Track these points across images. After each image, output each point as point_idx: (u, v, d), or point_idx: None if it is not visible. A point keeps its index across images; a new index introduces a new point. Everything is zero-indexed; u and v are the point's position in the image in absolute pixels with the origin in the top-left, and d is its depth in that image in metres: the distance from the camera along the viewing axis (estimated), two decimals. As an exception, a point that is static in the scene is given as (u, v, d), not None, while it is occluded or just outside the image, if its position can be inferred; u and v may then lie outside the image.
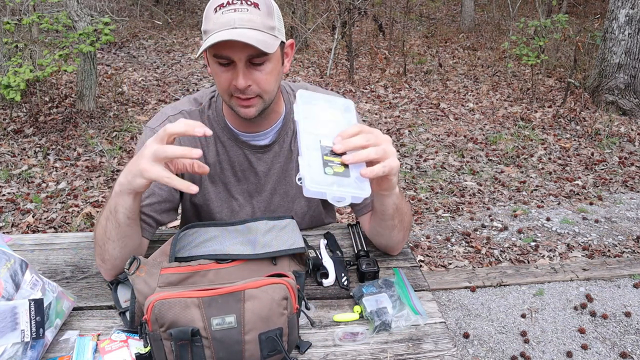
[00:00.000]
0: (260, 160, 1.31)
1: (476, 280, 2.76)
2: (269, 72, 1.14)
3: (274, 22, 1.12)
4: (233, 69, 1.11)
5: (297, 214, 1.38)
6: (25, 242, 1.35)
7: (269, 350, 0.92)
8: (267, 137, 1.30)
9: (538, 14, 6.72)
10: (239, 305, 0.90)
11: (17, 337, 0.91)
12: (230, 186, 1.33)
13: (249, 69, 1.11)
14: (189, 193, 1.09)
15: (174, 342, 0.88)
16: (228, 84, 1.13)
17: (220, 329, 0.89)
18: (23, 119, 4.71)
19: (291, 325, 0.94)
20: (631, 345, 2.35)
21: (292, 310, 0.94)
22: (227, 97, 1.17)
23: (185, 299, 0.89)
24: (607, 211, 3.53)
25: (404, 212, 1.19)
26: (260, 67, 1.12)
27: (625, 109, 5.24)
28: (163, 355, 0.90)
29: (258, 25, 1.09)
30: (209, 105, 1.30)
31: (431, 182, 3.91)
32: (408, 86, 6.14)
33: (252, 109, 1.17)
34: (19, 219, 3.28)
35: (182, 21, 9.22)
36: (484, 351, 2.33)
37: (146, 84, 5.98)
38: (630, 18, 5.12)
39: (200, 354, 0.88)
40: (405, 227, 1.23)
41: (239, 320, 0.90)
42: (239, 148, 1.30)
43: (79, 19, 4.56)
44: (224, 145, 1.29)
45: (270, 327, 0.92)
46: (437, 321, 1.08)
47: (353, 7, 6.40)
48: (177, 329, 0.87)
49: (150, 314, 0.88)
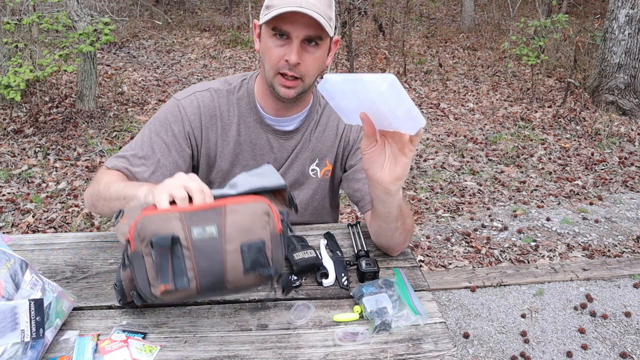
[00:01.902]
0: (282, 147, 1.35)
1: (476, 280, 2.76)
2: (317, 58, 1.20)
3: (332, 14, 1.19)
4: (288, 44, 1.17)
5: (301, 203, 1.40)
6: (25, 242, 1.35)
7: (252, 262, 0.89)
8: (292, 124, 1.34)
9: (538, 14, 6.72)
10: (220, 218, 0.90)
11: (17, 337, 0.91)
12: (248, 169, 1.34)
13: (302, 49, 1.17)
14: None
15: (154, 251, 0.86)
16: (279, 58, 1.18)
17: (201, 238, 0.88)
18: (23, 119, 4.71)
19: (275, 243, 0.92)
20: (631, 345, 2.35)
21: (275, 229, 0.93)
22: (273, 73, 1.21)
23: (167, 214, 0.88)
24: (607, 211, 3.53)
25: (406, 214, 1.20)
26: (312, 50, 1.18)
27: (625, 109, 5.24)
28: (144, 273, 0.88)
29: (320, 11, 1.14)
30: (240, 86, 1.34)
31: (431, 182, 3.91)
32: (408, 86, 6.14)
33: (292, 90, 1.22)
34: (19, 219, 3.28)
35: (182, 21, 9.22)
36: (484, 351, 2.33)
37: (146, 84, 5.98)
38: (630, 18, 5.12)
39: (181, 265, 0.86)
40: (407, 230, 1.23)
41: (220, 230, 0.89)
42: (263, 131, 1.33)
43: (79, 19, 4.57)
44: (247, 126, 1.33)
45: (252, 238, 0.90)
46: (437, 321, 1.08)
47: (353, 7, 6.40)
48: (158, 236, 0.86)
49: (133, 231, 0.88)
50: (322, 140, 1.38)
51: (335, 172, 1.42)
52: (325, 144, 1.38)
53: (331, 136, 1.38)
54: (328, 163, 1.40)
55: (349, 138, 1.38)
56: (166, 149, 1.28)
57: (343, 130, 1.37)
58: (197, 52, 7.36)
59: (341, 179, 1.44)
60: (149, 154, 1.27)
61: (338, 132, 1.37)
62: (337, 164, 1.41)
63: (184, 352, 0.99)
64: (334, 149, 1.38)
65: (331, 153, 1.39)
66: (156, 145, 1.27)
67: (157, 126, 1.29)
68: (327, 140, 1.38)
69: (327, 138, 1.38)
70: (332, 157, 1.39)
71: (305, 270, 1.19)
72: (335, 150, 1.39)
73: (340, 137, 1.38)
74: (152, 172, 1.26)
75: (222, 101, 1.33)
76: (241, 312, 1.10)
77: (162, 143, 1.28)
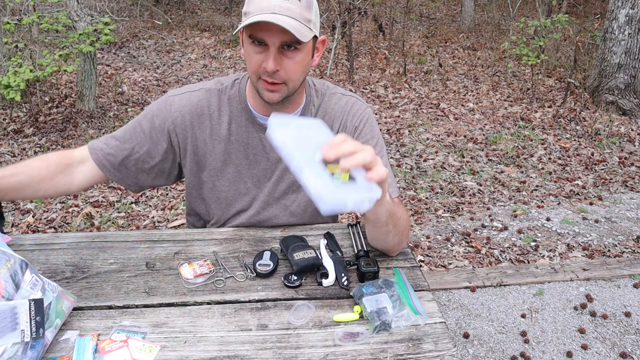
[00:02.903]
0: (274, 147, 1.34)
1: (476, 280, 2.76)
2: (298, 62, 1.18)
3: (311, 15, 1.18)
4: (266, 51, 1.16)
5: (300, 205, 1.39)
6: (25, 242, 1.35)
7: None
8: None
9: (538, 14, 6.72)
10: None
11: (17, 337, 0.91)
12: (241, 168, 1.36)
13: (280, 55, 1.16)
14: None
15: None
16: (258, 65, 1.18)
17: None
18: (23, 119, 4.71)
19: None
20: (631, 345, 2.35)
21: None
22: (255, 78, 1.21)
23: None
24: (607, 211, 3.53)
25: (398, 216, 1.19)
26: (291, 55, 1.17)
27: (625, 109, 5.24)
28: None
29: (296, 15, 1.13)
30: (232, 85, 1.35)
31: (431, 182, 3.91)
32: (408, 86, 6.14)
33: (276, 94, 1.22)
34: (19, 219, 3.28)
35: (182, 21, 9.22)
36: (484, 351, 2.33)
37: (146, 84, 5.98)
38: (630, 18, 5.12)
39: None
40: (401, 231, 1.23)
41: None
42: (255, 131, 1.33)
43: (79, 19, 4.56)
44: (239, 125, 1.33)
45: None
46: (437, 321, 1.08)
47: (353, 7, 6.40)
48: None
49: None
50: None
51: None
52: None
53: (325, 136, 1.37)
54: None
55: None
56: (143, 137, 1.33)
57: (337, 132, 1.36)
58: (197, 52, 7.36)
59: None
60: (125, 138, 1.33)
61: (332, 132, 1.37)
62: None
63: (184, 352, 0.99)
64: None
65: None
66: (135, 132, 1.33)
67: (142, 117, 1.35)
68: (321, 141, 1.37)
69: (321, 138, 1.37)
70: None
71: (305, 270, 1.19)
72: None
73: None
74: (124, 156, 1.33)
75: (213, 100, 1.34)
76: (241, 312, 1.10)
77: (140, 131, 1.33)
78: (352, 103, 1.37)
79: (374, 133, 1.36)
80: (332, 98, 1.37)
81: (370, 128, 1.36)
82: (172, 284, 1.18)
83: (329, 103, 1.37)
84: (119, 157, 1.33)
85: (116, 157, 1.33)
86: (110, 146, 1.33)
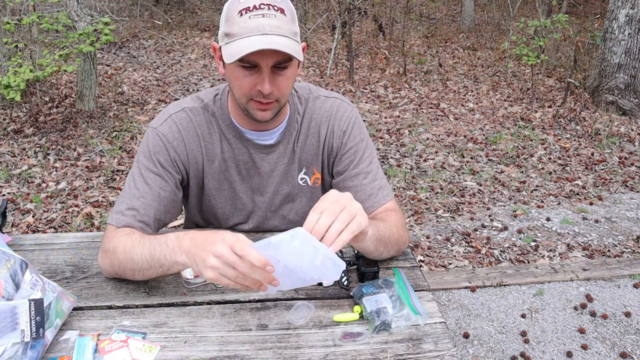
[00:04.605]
0: (264, 161, 1.32)
1: (476, 280, 2.76)
2: (289, 77, 1.16)
3: (296, 27, 1.14)
4: (257, 73, 1.12)
5: (297, 213, 1.39)
6: (25, 242, 1.35)
7: None
8: (272, 137, 1.31)
9: (538, 14, 6.72)
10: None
11: (17, 337, 0.91)
12: (235, 185, 1.34)
13: (273, 74, 1.12)
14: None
15: None
16: (250, 87, 1.14)
17: None
18: (23, 119, 4.71)
19: None
20: (631, 345, 2.35)
21: None
22: (245, 100, 1.17)
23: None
24: (607, 211, 3.53)
25: (386, 237, 1.19)
26: (283, 72, 1.14)
27: (625, 109, 5.24)
28: None
29: (285, 31, 1.09)
30: (214, 101, 1.30)
31: (431, 182, 3.91)
32: (408, 86, 6.14)
33: (268, 112, 1.19)
34: (19, 219, 3.28)
35: (182, 21, 9.22)
36: (484, 351, 2.33)
37: (146, 84, 5.98)
38: (630, 18, 5.12)
39: None
40: (393, 245, 1.23)
41: None
42: (244, 147, 1.31)
43: (79, 19, 4.56)
44: (229, 142, 1.30)
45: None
46: (437, 321, 1.08)
47: (353, 7, 6.40)
48: None
49: None
50: (306, 149, 1.35)
51: (325, 179, 1.40)
52: (310, 152, 1.35)
53: (314, 144, 1.35)
54: (316, 171, 1.37)
55: (332, 144, 1.34)
56: (161, 180, 1.25)
57: (325, 137, 1.34)
58: (197, 52, 7.36)
59: (331, 186, 1.41)
60: (146, 191, 1.23)
61: (320, 139, 1.34)
62: (325, 171, 1.38)
63: (184, 352, 0.99)
64: (319, 156, 1.36)
65: (317, 161, 1.36)
66: (150, 180, 1.24)
67: (143, 162, 1.26)
68: (310, 149, 1.35)
69: (310, 147, 1.35)
70: (319, 165, 1.37)
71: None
72: (320, 158, 1.36)
73: (323, 145, 1.34)
74: (156, 207, 1.24)
75: (199, 120, 1.29)
76: (241, 312, 1.10)
77: (154, 176, 1.25)
78: (337, 106, 1.35)
79: (363, 135, 1.36)
80: (316, 102, 1.35)
81: (358, 130, 1.35)
82: (172, 284, 1.19)
83: (314, 108, 1.34)
84: (151, 212, 1.24)
85: (149, 216, 1.24)
86: (139, 207, 1.23)
